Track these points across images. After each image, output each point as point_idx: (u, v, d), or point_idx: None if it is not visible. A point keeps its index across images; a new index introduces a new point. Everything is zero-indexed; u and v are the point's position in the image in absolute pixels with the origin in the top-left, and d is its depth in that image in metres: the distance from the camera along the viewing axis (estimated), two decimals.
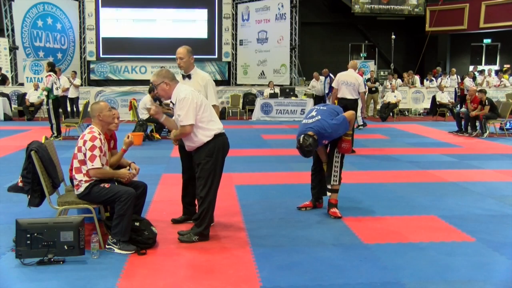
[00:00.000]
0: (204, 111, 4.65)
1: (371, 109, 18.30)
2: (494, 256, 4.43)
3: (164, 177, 7.59)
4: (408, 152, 10.29)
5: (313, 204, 5.88)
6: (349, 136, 5.54)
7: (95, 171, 4.49)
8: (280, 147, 10.28)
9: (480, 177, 7.78)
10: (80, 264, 4.14)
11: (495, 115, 12.66)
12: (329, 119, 5.39)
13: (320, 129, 5.31)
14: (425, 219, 5.52)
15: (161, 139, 12.00)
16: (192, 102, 4.57)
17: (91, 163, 4.46)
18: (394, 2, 21.56)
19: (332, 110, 5.63)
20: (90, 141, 4.48)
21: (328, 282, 3.85)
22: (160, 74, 4.69)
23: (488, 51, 24.19)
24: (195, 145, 4.68)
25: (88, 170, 4.50)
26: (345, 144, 5.52)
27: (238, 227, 5.19)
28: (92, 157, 4.46)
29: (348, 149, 5.60)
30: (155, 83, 4.70)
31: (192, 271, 4.13)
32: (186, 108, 4.55)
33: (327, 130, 5.32)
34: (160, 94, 4.76)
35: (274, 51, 20.72)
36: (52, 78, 11.61)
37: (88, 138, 4.51)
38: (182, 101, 4.56)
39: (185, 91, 4.64)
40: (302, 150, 5.28)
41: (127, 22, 21.41)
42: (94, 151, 4.47)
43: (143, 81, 19.00)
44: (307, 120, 5.52)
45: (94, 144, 4.48)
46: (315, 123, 5.37)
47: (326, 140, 5.48)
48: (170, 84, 4.65)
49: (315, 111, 5.59)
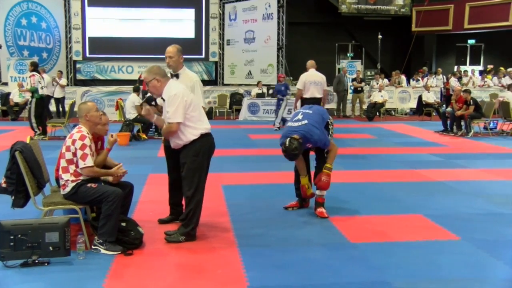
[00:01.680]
0: (193, 110, 4.62)
1: (358, 109, 18.37)
2: (478, 254, 4.47)
3: (150, 177, 7.55)
4: (395, 151, 10.35)
5: (299, 204, 5.89)
6: (329, 170, 5.50)
7: (88, 170, 4.46)
8: (267, 147, 10.28)
9: (466, 176, 7.84)
10: (66, 265, 4.10)
11: (480, 114, 12.78)
12: (316, 125, 5.39)
13: (306, 134, 5.31)
14: (412, 218, 5.55)
15: (147, 139, 11.94)
16: (182, 100, 4.54)
17: (83, 162, 4.43)
18: (380, 2, 21.67)
19: (319, 114, 5.61)
20: (80, 140, 4.45)
21: (316, 282, 3.86)
22: (152, 71, 4.66)
23: (472, 52, 24.41)
24: (182, 143, 4.65)
25: (81, 169, 4.45)
26: (325, 178, 5.47)
27: (225, 227, 5.18)
28: (84, 155, 4.43)
29: (327, 184, 5.50)
30: (146, 80, 4.67)
31: (179, 272, 4.11)
32: (175, 106, 4.51)
33: (313, 136, 5.32)
34: (151, 90, 4.72)
35: (261, 51, 20.71)
36: (37, 77, 11.51)
37: (77, 137, 4.47)
38: (173, 98, 4.53)
39: (176, 88, 4.61)
40: (287, 154, 5.27)
41: (113, 22, 21.25)
42: (85, 149, 4.44)
43: (130, 81, 18.86)
44: (293, 123, 5.51)
45: (84, 142, 4.45)
46: (302, 127, 5.36)
47: (310, 144, 5.48)
48: (161, 80, 4.62)
49: (301, 114, 5.58)
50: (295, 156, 5.31)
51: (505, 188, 7.01)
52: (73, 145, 4.45)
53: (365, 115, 17.57)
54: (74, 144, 4.45)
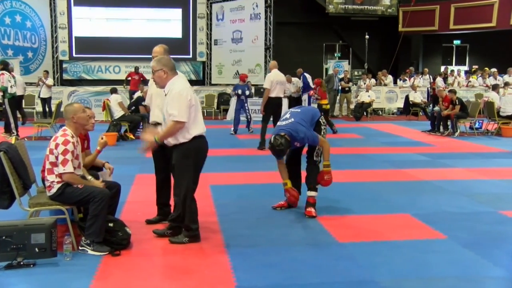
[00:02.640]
0: (192, 111, 4.56)
1: (345, 109, 18.44)
2: (464, 252, 4.51)
3: (138, 177, 7.51)
4: (383, 151, 10.40)
5: (288, 203, 5.89)
6: (328, 167, 5.56)
7: (67, 176, 4.40)
8: (255, 146, 10.28)
9: (452, 175, 7.90)
10: (52, 266, 4.07)
11: (465, 114, 12.89)
12: (302, 123, 5.43)
13: (293, 132, 5.35)
14: (400, 218, 5.58)
15: (135, 139, 11.88)
16: (186, 99, 4.49)
17: (63, 167, 4.37)
18: (367, 2, 21.77)
19: (308, 113, 5.67)
20: (62, 145, 4.39)
21: (304, 282, 3.86)
22: (161, 61, 4.62)
23: (458, 52, 24.63)
24: (173, 142, 4.57)
25: (61, 174, 4.41)
26: (327, 176, 5.55)
27: (213, 227, 5.17)
28: (65, 161, 4.37)
29: (330, 181, 5.61)
30: (154, 69, 4.62)
31: (167, 272, 4.10)
32: (179, 104, 4.43)
33: (299, 134, 5.36)
34: (156, 80, 4.66)
35: (249, 51, 20.70)
36: (6, 76, 11.37)
37: (60, 141, 4.41)
38: (177, 95, 4.46)
39: (180, 85, 4.56)
40: (273, 150, 5.32)
41: (100, 21, 21.12)
42: (67, 155, 4.37)
43: (117, 81, 18.74)
44: (281, 122, 5.58)
45: (66, 148, 4.39)
46: (288, 125, 5.42)
47: (298, 143, 5.50)
48: (168, 73, 4.58)
49: (289, 113, 5.66)
50: (281, 152, 5.35)
51: (490, 187, 7.08)
52: (56, 149, 4.39)
53: (352, 115, 17.64)
54: (57, 148, 4.39)
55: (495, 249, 4.58)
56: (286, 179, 5.67)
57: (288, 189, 5.64)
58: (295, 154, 5.81)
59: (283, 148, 5.29)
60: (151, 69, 4.69)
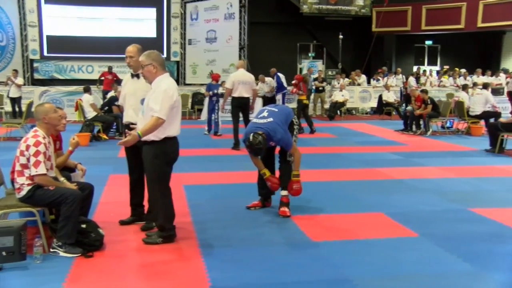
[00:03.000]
0: (174, 112, 4.52)
1: (319, 108, 18.55)
2: (435, 250, 4.58)
3: (111, 178, 7.44)
4: (356, 150, 10.49)
5: (262, 203, 5.90)
6: (298, 177, 5.59)
7: (40, 178, 4.32)
8: (229, 146, 10.27)
9: (424, 174, 8.02)
10: (21, 270, 3.99)
11: (437, 114, 13.11)
12: (280, 124, 5.43)
13: (270, 132, 5.34)
14: (373, 217, 5.64)
15: (108, 140, 11.76)
16: (171, 99, 4.46)
17: (35, 169, 4.29)
18: (341, 2, 21.93)
19: (284, 114, 5.64)
20: (34, 146, 4.31)
21: (278, 281, 3.88)
22: (150, 56, 4.56)
23: (430, 52, 25.03)
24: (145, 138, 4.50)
25: (33, 176, 4.32)
26: (296, 186, 5.58)
27: (187, 228, 5.15)
28: (37, 163, 4.29)
29: (299, 190, 5.62)
30: (143, 63, 4.56)
31: (141, 273, 4.06)
32: (163, 101, 4.39)
33: (276, 135, 5.36)
34: (145, 75, 4.61)
35: (223, 51, 20.65)
36: None
37: (31, 143, 4.32)
38: (163, 93, 4.42)
39: (168, 84, 4.52)
40: (252, 148, 5.30)
41: (72, 20, 20.78)
42: (38, 156, 4.29)
43: (90, 80, 18.49)
44: (258, 119, 5.53)
45: (38, 149, 4.31)
46: (266, 125, 5.39)
47: (273, 143, 5.51)
48: (157, 68, 4.54)
49: (267, 111, 5.61)
50: (259, 151, 5.33)
51: (460, 185, 7.21)
52: (27, 150, 4.31)
53: (326, 115, 17.75)
54: (28, 149, 4.31)
55: (463, 245, 4.68)
56: (264, 169, 5.60)
57: (269, 177, 5.58)
58: (269, 153, 5.80)
59: (262, 146, 5.28)
60: (141, 64, 4.60)
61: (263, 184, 5.79)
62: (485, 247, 4.64)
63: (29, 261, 4.09)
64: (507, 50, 23.53)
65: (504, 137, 9.92)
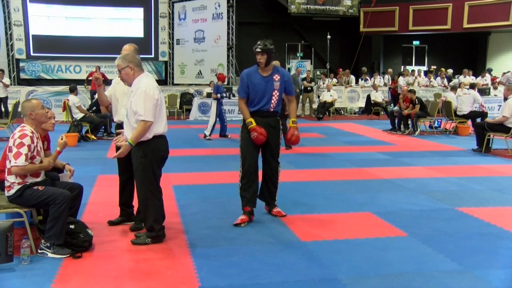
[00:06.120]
0: (157, 111, 4.49)
1: (307, 108, 18.60)
2: (423, 249, 4.62)
3: (100, 178, 7.40)
4: (344, 150, 10.54)
5: (248, 217, 5.36)
6: (295, 123, 5.54)
7: (17, 169, 4.25)
8: (218, 146, 10.27)
9: (412, 174, 8.08)
10: (7, 272, 3.95)
11: (425, 113, 13.21)
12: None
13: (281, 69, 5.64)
14: (361, 216, 5.67)
15: (96, 140, 11.70)
16: (153, 99, 4.43)
17: (14, 161, 4.22)
18: (329, 3, 22.00)
19: None
20: (19, 138, 4.27)
21: (266, 281, 3.88)
22: (126, 58, 4.54)
23: (417, 53, 25.20)
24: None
25: (10, 168, 4.26)
26: (296, 132, 5.48)
27: (176, 228, 5.14)
28: (17, 154, 4.23)
29: (298, 138, 5.54)
30: (119, 67, 4.53)
31: (130, 274, 4.05)
32: (145, 103, 4.37)
33: (286, 73, 5.60)
34: (124, 77, 4.58)
35: (211, 51, 20.63)
36: None
37: (17, 135, 4.29)
38: (143, 94, 4.39)
39: (147, 84, 4.48)
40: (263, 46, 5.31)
41: (59, 20, 20.59)
42: (21, 148, 4.24)
43: (78, 80, 18.35)
44: None
45: (22, 141, 4.26)
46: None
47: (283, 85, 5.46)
48: (135, 70, 4.51)
49: None
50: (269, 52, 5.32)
51: (446, 185, 7.27)
52: (14, 145, 4.28)
53: (314, 115, 17.81)
54: (14, 143, 4.27)
55: (450, 244, 4.72)
56: (250, 118, 5.30)
57: (255, 127, 5.24)
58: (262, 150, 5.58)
59: (272, 48, 5.35)
60: (117, 68, 4.59)
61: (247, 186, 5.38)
62: (472, 246, 4.69)
63: (16, 262, 4.06)
64: (493, 50, 23.78)
65: (490, 136, 10.02)
